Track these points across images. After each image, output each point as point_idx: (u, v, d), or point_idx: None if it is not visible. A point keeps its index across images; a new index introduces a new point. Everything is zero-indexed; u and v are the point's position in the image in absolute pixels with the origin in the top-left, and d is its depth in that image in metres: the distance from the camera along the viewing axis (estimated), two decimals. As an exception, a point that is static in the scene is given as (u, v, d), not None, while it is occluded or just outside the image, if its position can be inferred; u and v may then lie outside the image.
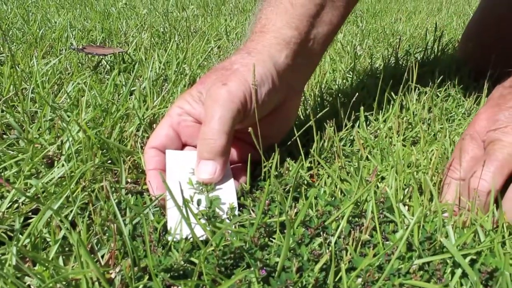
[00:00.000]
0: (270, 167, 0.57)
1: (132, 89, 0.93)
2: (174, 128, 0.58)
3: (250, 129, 0.54)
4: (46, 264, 0.43)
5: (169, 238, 0.47)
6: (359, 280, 0.40)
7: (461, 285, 0.43)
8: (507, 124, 0.56)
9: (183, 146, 0.60)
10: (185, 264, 0.43)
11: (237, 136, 0.60)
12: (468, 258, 0.45)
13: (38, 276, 0.41)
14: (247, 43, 0.63)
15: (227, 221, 0.49)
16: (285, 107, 0.64)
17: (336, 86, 1.04)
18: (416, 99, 0.89)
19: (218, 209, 0.50)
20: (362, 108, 0.78)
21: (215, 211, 0.49)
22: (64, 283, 0.41)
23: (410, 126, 0.81)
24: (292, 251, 0.45)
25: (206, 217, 0.48)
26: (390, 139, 0.75)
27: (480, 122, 0.60)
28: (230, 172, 0.56)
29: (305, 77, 0.70)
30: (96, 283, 0.41)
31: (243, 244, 0.43)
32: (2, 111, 0.79)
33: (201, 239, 0.46)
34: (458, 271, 0.43)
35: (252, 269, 0.41)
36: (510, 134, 0.55)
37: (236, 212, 0.50)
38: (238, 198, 0.54)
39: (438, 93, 0.96)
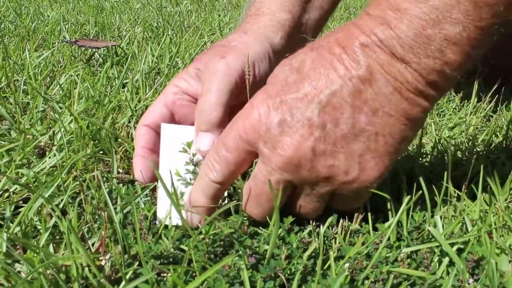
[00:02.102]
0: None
1: (125, 81, 0.93)
2: (168, 106, 0.58)
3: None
4: (37, 250, 0.43)
5: (158, 224, 0.47)
6: (347, 265, 0.41)
7: (448, 273, 0.44)
8: (279, 139, 0.43)
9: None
10: (175, 251, 0.43)
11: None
12: (455, 247, 0.45)
13: (28, 261, 0.41)
14: (243, 25, 0.63)
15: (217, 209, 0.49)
16: None
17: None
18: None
19: None
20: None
21: None
22: (54, 269, 0.41)
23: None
24: (281, 240, 0.45)
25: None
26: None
27: (251, 120, 0.45)
28: None
29: None
30: (86, 268, 0.41)
31: (233, 230, 0.43)
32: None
33: (196, 223, 0.47)
34: (445, 260, 0.44)
35: (241, 256, 0.41)
36: (278, 156, 0.43)
37: (226, 201, 0.50)
38: (228, 188, 0.54)
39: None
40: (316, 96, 0.43)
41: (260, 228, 0.48)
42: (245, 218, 0.49)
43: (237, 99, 0.56)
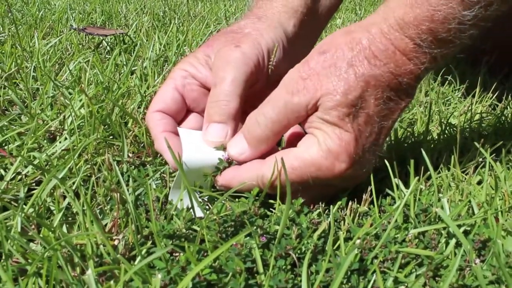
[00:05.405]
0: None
1: (133, 68, 0.93)
2: (179, 90, 0.55)
3: None
4: (52, 229, 0.44)
5: (170, 207, 0.48)
6: (358, 241, 0.41)
7: (455, 254, 0.44)
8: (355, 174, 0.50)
9: (187, 111, 0.57)
10: (187, 231, 0.44)
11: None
12: (462, 229, 0.46)
13: (44, 239, 0.42)
14: (255, 10, 0.62)
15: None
16: None
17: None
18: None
19: None
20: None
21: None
22: (69, 247, 0.42)
23: (407, 108, 0.82)
24: (291, 221, 0.46)
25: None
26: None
27: (332, 172, 0.49)
28: None
29: (308, 51, 0.70)
30: (101, 246, 0.42)
31: (245, 209, 0.44)
32: (4, 87, 0.79)
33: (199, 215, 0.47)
34: (452, 241, 0.45)
35: (252, 235, 0.42)
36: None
37: None
38: None
39: (435, 77, 0.97)
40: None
41: (271, 209, 0.49)
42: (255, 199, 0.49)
43: (250, 89, 0.55)
